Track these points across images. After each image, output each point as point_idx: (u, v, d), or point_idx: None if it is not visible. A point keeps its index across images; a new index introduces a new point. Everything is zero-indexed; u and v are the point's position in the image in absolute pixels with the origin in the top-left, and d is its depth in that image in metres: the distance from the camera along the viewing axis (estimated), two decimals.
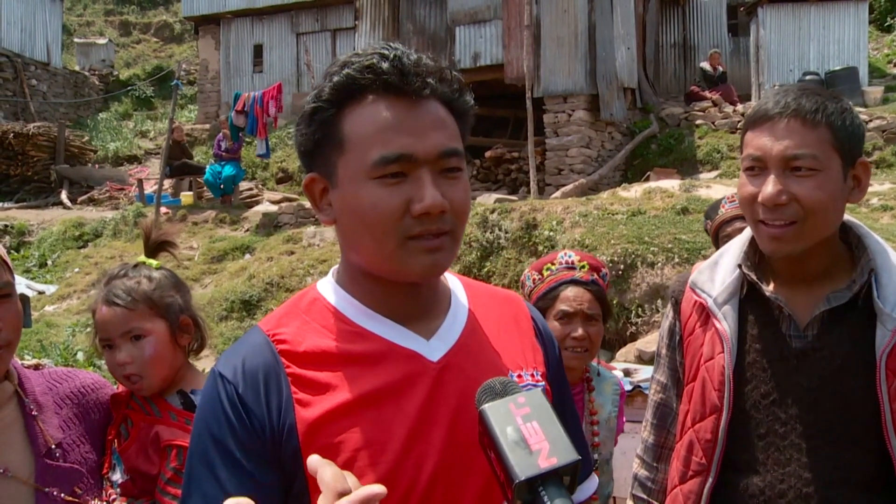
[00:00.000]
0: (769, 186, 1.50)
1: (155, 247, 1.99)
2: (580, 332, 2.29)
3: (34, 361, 1.87)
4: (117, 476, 1.75)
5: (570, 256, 2.44)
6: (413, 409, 1.14)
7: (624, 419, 2.62)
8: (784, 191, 1.49)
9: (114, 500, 1.72)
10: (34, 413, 1.62)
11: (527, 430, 0.91)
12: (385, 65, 1.11)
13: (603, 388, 2.46)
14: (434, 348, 1.19)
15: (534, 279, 2.47)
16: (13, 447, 1.57)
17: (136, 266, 1.91)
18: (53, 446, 1.61)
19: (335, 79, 1.14)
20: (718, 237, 3.18)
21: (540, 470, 0.88)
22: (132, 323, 1.80)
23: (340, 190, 1.15)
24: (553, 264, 2.44)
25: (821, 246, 1.55)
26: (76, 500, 1.61)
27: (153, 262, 1.94)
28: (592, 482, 1.40)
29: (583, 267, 2.40)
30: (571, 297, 2.33)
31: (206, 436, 1.14)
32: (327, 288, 1.25)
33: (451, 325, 1.23)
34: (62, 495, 1.58)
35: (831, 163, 1.49)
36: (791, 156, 1.48)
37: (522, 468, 0.88)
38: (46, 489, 1.56)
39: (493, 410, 0.94)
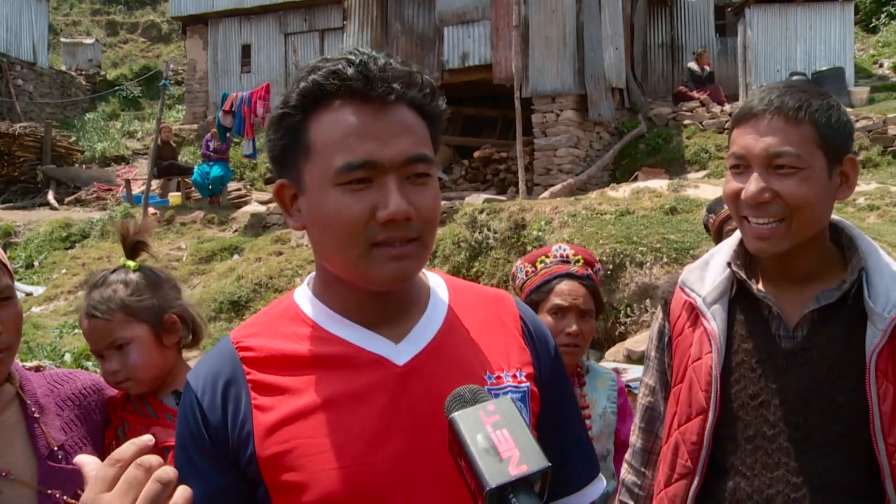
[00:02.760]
0: (752, 185, 1.49)
1: (131, 248, 1.96)
2: (574, 327, 2.25)
3: (35, 363, 1.87)
4: None
5: (564, 250, 2.40)
6: (374, 415, 1.13)
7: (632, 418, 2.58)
8: (767, 188, 1.48)
9: None
10: (36, 415, 1.62)
11: (497, 438, 0.91)
12: (350, 70, 1.10)
13: (596, 384, 2.41)
14: (402, 352, 1.18)
15: (526, 271, 2.42)
16: (15, 449, 1.57)
17: (115, 270, 1.90)
18: (56, 448, 1.61)
19: (302, 84, 1.13)
20: (722, 232, 3.16)
21: (510, 477, 0.88)
22: (114, 334, 1.81)
23: (307, 196, 1.15)
24: (547, 257, 2.39)
25: (809, 245, 1.54)
26: (78, 502, 1.60)
27: (132, 263, 1.92)
28: (599, 485, 1.34)
29: (578, 261, 2.36)
30: (566, 292, 2.29)
31: (177, 440, 1.20)
32: (301, 295, 1.26)
33: (424, 327, 1.22)
34: (65, 498, 1.58)
35: (815, 160, 1.48)
36: (773, 153, 1.48)
37: (493, 475, 0.88)
38: (49, 491, 1.56)
39: (463, 418, 0.94)
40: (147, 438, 0.95)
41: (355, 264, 1.12)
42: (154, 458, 0.93)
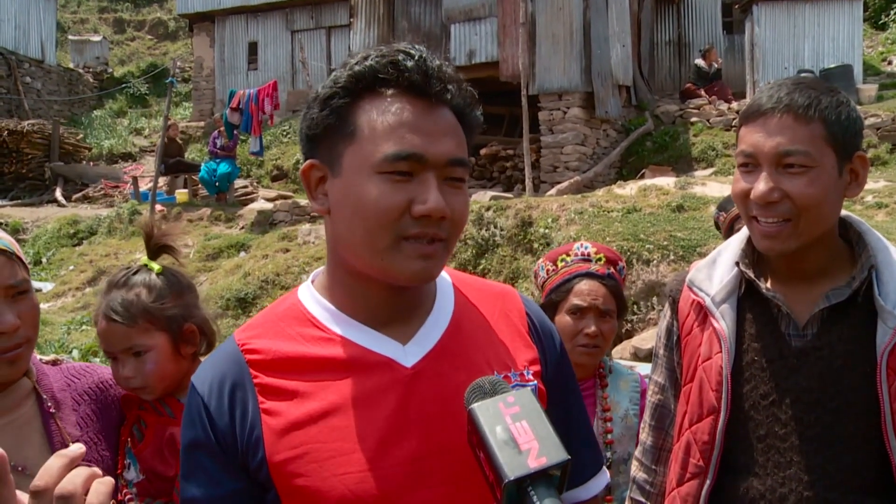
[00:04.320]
0: (761, 184, 1.48)
1: (156, 249, 1.88)
2: (593, 328, 2.20)
3: (52, 357, 1.85)
4: (132, 475, 1.73)
5: (586, 248, 2.34)
6: (384, 417, 1.13)
7: None
8: (776, 188, 1.47)
9: (129, 499, 1.71)
10: (52, 410, 1.62)
11: (516, 430, 0.90)
12: (410, 63, 1.11)
13: (618, 385, 2.34)
14: (409, 353, 1.17)
15: (548, 270, 2.37)
16: (31, 444, 1.57)
17: (137, 272, 1.83)
18: (71, 444, 1.59)
19: (356, 68, 1.13)
20: (732, 229, 3.14)
21: (529, 469, 0.87)
22: (132, 340, 1.74)
23: (342, 179, 1.13)
24: (568, 255, 2.33)
25: (818, 242, 1.53)
26: None
27: (155, 265, 1.85)
28: (603, 477, 1.36)
29: (599, 259, 2.30)
30: (585, 292, 2.23)
31: (184, 444, 1.19)
32: (306, 293, 1.24)
33: (431, 327, 1.21)
34: None
35: (825, 158, 1.46)
36: (783, 152, 1.46)
37: (512, 468, 0.88)
38: None
39: (482, 410, 0.93)
40: (76, 448, 0.88)
41: (381, 255, 1.11)
42: (78, 480, 0.86)
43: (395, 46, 1.14)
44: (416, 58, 1.12)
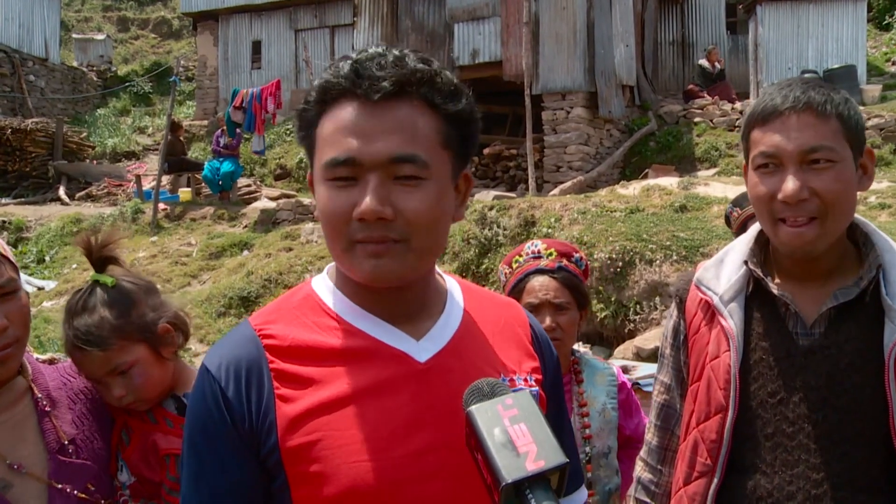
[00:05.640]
0: (790, 183, 1.47)
1: (100, 262, 1.79)
2: (547, 322, 2.21)
3: (49, 356, 1.85)
4: (125, 477, 1.72)
5: (536, 245, 2.37)
6: (396, 410, 1.14)
7: (641, 415, 2.48)
8: (804, 186, 1.46)
9: (124, 501, 1.70)
10: (47, 409, 1.62)
11: (514, 432, 0.90)
12: (346, 68, 1.13)
13: (594, 379, 2.36)
14: (423, 349, 1.19)
15: (505, 273, 2.40)
16: (27, 443, 1.58)
17: (91, 292, 1.74)
18: (66, 443, 1.61)
19: (318, 81, 1.17)
20: (744, 228, 3.12)
21: (527, 472, 0.87)
22: (113, 361, 1.68)
23: (315, 188, 1.20)
24: (521, 256, 2.37)
25: (834, 242, 1.53)
26: (88, 497, 1.61)
27: (108, 279, 1.76)
28: (581, 494, 1.39)
29: (550, 254, 2.32)
30: (536, 288, 2.26)
31: (193, 426, 1.18)
32: (321, 284, 1.26)
33: (443, 326, 1.23)
34: (75, 492, 1.58)
35: (845, 153, 1.48)
36: (809, 148, 1.46)
37: (509, 470, 0.87)
38: (60, 485, 1.56)
39: (481, 412, 0.93)
40: None
41: (340, 258, 1.16)
42: None
43: (348, 53, 1.17)
44: (355, 60, 1.13)
